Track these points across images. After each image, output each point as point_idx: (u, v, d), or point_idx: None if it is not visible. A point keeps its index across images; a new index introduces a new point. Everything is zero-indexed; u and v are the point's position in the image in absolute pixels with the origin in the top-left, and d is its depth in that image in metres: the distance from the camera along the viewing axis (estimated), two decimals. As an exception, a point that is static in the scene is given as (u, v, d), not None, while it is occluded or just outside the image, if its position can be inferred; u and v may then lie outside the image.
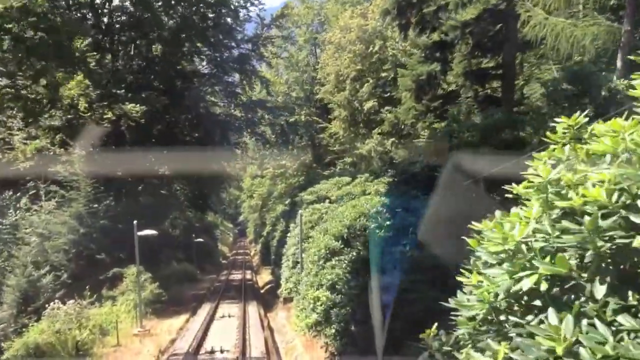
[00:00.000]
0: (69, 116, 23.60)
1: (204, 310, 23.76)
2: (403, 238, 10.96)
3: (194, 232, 49.49)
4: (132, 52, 27.59)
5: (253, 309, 23.34)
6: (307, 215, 22.28)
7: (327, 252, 14.84)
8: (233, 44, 28.52)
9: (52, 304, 17.91)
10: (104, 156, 25.68)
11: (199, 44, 26.70)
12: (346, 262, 12.08)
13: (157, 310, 23.74)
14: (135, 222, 18.32)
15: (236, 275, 43.54)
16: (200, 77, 30.17)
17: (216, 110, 30.82)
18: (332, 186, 23.29)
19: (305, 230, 21.39)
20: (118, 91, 24.55)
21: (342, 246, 14.79)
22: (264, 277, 40.62)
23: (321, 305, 13.93)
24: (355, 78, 32.77)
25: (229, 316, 21.10)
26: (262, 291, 33.49)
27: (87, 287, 23.93)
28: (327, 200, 22.26)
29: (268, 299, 27.74)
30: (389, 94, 31.73)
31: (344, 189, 22.46)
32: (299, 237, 18.59)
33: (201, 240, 44.72)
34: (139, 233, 18.31)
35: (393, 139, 31.07)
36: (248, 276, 42.23)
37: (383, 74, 31.70)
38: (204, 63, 29.58)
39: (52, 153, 25.76)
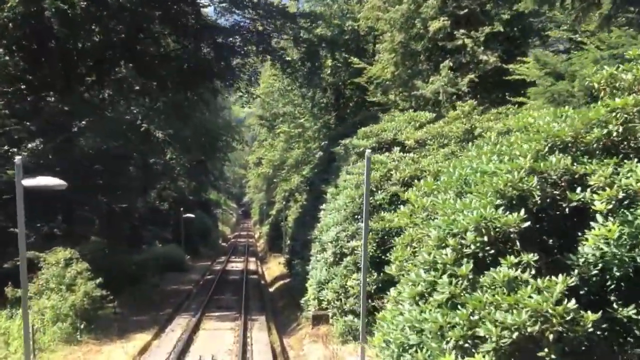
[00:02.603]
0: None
1: (176, 331, 14.33)
2: None
3: (187, 207, 40.15)
4: None
5: (260, 335, 13.80)
6: (358, 171, 12.82)
7: (497, 238, 5.28)
8: None
9: None
10: (26, 70, 16.14)
11: None
12: None
13: (101, 325, 14.44)
14: (17, 159, 8.81)
15: (236, 264, 34.18)
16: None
17: (213, 24, 20.94)
18: (403, 124, 13.71)
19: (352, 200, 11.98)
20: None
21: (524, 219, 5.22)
22: (273, 268, 31.22)
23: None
24: (416, -13, 22.91)
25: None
26: (271, 290, 24.03)
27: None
28: (399, 149, 12.68)
29: (283, 309, 18.22)
30: (466, 9, 21.90)
31: (428, 128, 12.91)
32: (363, 207, 9.02)
33: (191, 216, 35.20)
34: (29, 182, 8.84)
35: (472, 75, 21.49)
36: (252, 266, 32.89)
37: (458, -20, 21.87)
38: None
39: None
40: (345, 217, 12.72)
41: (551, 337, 4.55)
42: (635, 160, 5.40)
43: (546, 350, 4.54)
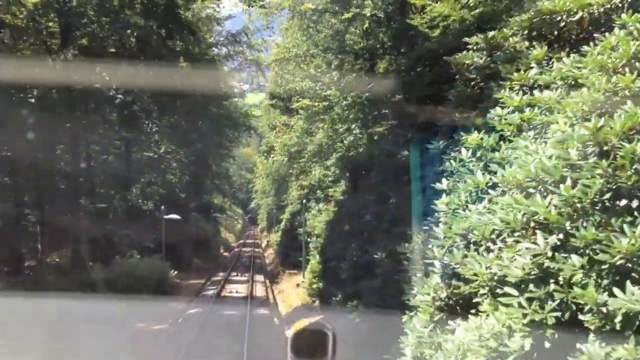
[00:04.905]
0: None
1: None
2: None
3: (180, 209, 31.57)
4: None
5: None
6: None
7: None
8: None
9: None
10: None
11: None
12: None
13: None
14: None
15: (238, 286, 25.16)
16: None
17: None
18: None
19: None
20: None
21: None
22: (289, 292, 22.38)
23: None
24: None
25: None
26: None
27: None
28: None
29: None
30: None
31: None
32: None
33: (175, 217, 26.23)
34: None
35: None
36: (259, 290, 24.07)
37: None
38: None
39: None
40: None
41: None
42: None
43: None
